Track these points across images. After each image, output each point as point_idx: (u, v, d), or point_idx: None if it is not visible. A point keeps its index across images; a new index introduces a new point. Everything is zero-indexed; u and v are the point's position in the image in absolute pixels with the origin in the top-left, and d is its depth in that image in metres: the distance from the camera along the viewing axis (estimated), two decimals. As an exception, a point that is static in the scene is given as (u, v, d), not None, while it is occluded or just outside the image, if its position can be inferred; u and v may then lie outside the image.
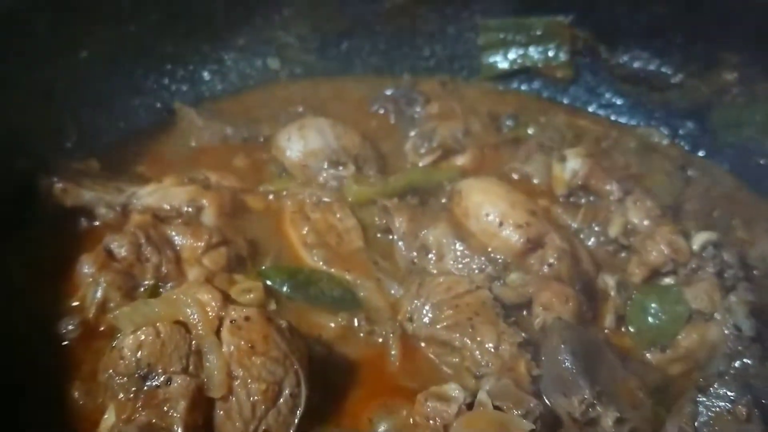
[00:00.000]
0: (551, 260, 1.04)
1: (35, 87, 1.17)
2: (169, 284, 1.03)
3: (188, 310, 0.88)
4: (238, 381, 0.86)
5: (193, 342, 0.88)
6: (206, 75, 1.43)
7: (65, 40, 1.22)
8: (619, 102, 1.44)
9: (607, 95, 1.45)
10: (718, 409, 0.86)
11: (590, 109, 1.47)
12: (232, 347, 0.87)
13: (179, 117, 1.36)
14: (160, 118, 1.36)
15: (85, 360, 0.96)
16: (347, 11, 1.47)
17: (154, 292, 0.99)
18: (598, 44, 1.43)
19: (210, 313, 0.88)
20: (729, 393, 0.86)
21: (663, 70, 1.38)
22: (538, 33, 1.46)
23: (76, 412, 0.91)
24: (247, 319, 0.88)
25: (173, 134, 1.34)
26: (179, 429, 0.84)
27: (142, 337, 0.86)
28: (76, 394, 0.92)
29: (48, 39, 1.17)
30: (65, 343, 0.98)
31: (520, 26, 1.47)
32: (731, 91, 1.30)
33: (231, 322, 0.88)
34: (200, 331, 0.88)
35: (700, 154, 1.36)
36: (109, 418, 0.86)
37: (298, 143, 1.24)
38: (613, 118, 1.45)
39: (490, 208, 1.08)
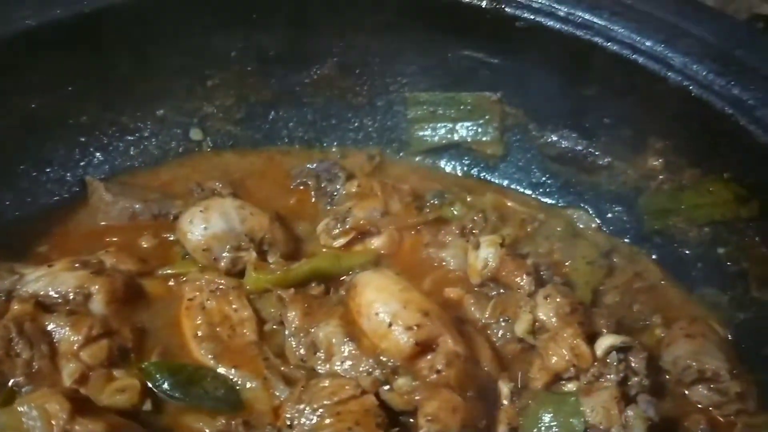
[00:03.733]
0: (440, 366, 0.98)
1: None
2: (29, 387, 0.98)
3: (32, 423, 0.83)
4: (83, 501, 0.81)
5: (37, 458, 0.83)
6: (122, 146, 1.39)
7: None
8: (549, 182, 1.39)
9: (537, 174, 1.40)
10: None
11: (519, 189, 1.42)
12: (79, 461, 0.82)
13: (90, 191, 1.32)
14: (70, 192, 1.32)
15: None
16: (273, 81, 1.44)
17: (8, 399, 0.93)
18: (527, 121, 1.38)
19: (54, 428, 0.83)
20: None
21: (591, 150, 1.33)
22: (468, 108, 1.42)
23: None
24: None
25: (81, 211, 1.30)
26: None
27: (-20, 452, 0.82)
28: None
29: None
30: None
31: (449, 101, 1.42)
32: (657, 178, 1.25)
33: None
34: (46, 442, 0.83)
35: (626, 240, 1.30)
36: None
37: (200, 226, 1.19)
38: (542, 198, 1.40)
39: (381, 307, 1.02)
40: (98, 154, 1.37)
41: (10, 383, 0.99)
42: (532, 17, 1.25)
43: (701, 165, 1.17)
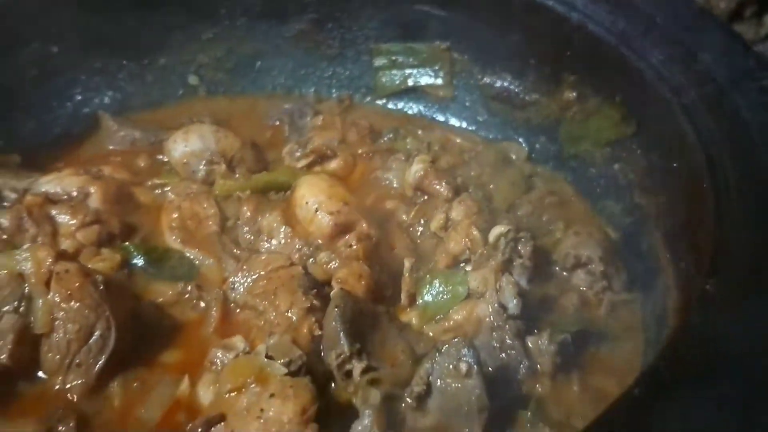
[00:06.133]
0: (352, 243, 1.21)
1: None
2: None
3: (25, 264, 1.09)
4: (58, 321, 1.06)
5: (27, 290, 1.09)
6: (129, 89, 1.65)
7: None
8: (489, 119, 1.59)
9: (480, 112, 1.60)
10: (446, 364, 1.01)
11: (465, 126, 1.62)
12: (56, 295, 1.07)
13: (100, 124, 1.59)
14: (83, 123, 1.59)
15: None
16: (258, 35, 1.68)
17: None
18: (471, 67, 1.59)
19: (42, 267, 1.09)
20: (455, 352, 1.01)
21: (522, 89, 1.53)
22: (423, 56, 1.63)
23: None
24: (66, 271, 1.08)
25: (92, 138, 1.57)
26: (4, 357, 1.05)
27: (-17, 282, 1.09)
28: (-58, 331, 1.14)
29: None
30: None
31: (407, 50, 1.64)
32: (572, 108, 1.44)
33: (56, 274, 1.08)
34: (33, 281, 1.08)
35: (549, 165, 1.49)
36: (-46, 348, 1.08)
37: (182, 144, 1.44)
38: (483, 134, 1.60)
39: (310, 198, 1.25)
40: (109, 93, 1.63)
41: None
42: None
43: (600, 93, 1.36)
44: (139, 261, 1.27)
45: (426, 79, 1.65)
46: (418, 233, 1.33)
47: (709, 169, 1.01)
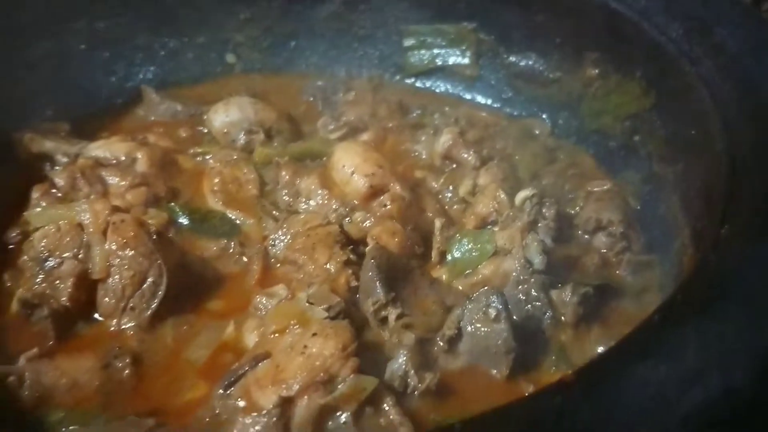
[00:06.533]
0: (387, 203, 1.28)
1: (22, 63, 1.51)
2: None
3: (84, 215, 1.18)
4: (114, 268, 1.15)
5: (85, 238, 1.17)
6: (171, 65, 1.74)
7: (50, 30, 1.56)
8: (513, 97, 1.67)
9: (505, 90, 1.68)
10: (476, 310, 1.08)
11: (491, 103, 1.70)
12: (113, 243, 1.16)
13: (143, 96, 1.68)
14: (128, 96, 1.68)
15: (16, 259, 1.25)
16: (292, 17, 1.76)
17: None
18: (497, 46, 1.66)
19: (99, 218, 1.18)
20: (484, 299, 1.08)
21: (546, 67, 1.60)
22: (450, 37, 1.71)
23: (4, 291, 1.21)
24: (122, 221, 1.16)
25: (136, 110, 1.66)
26: (65, 299, 1.13)
27: (47, 231, 1.17)
28: (6, 277, 1.22)
29: (36, 23, 1.52)
30: (11, 246, 1.29)
31: (435, 31, 1.72)
32: (594, 85, 1.51)
33: (112, 224, 1.16)
34: (91, 230, 1.17)
35: (571, 139, 1.56)
36: (20, 290, 1.16)
37: (222, 115, 1.53)
38: (508, 110, 1.67)
39: (347, 162, 1.33)
40: (151, 68, 1.72)
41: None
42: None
43: (621, 69, 1.43)
44: (183, 220, 1.35)
45: (453, 58, 1.72)
46: (447, 199, 1.40)
47: (724, 132, 1.08)
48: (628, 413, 0.64)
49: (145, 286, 1.15)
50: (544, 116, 1.62)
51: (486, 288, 1.10)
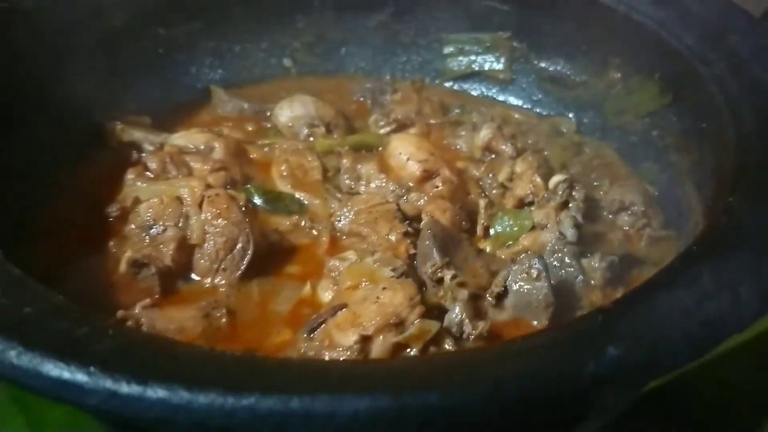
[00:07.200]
0: (438, 185, 1.48)
1: (111, 65, 1.72)
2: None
3: (183, 189, 1.38)
4: (209, 234, 1.34)
5: (184, 209, 1.37)
6: (236, 68, 1.95)
7: (134, 37, 1.77)
8: (543, 98, 1.87)
9: (536, 93, 1.88)
10: (519, 271, 1.27)
11: (522, 104, 1.90)
12: (208, 213, 1.35)
13: (213, 95, 1.88)
14: (199, 95, 1.89)
15: (118, 229, 1.45)
16: (343, 26, 1.97)
17: (166, 185, 1.48)
18: (529, 53, 1.86)
19: (196, 193, 1.38)
20: (527, 261, 1.27)
21: (573, 72, 1.80)
22: (486, 45, 1.91)
23: (109, 257, 1.41)
24: (217, 195, 1.36)
25: (206, 106, 1.87)
26: (168, 260, 1.33)
27: (152, 203, 1.37)
28: (111, 243, 1.42)
29: (122, 32, 1.73)
30: (110, 219, 1.49)
31: (473, 40, 1.92)
32: (617, 87, 1.70)
33: (207, 197, 1.36)
34: (188, 203, 1.37)
35: (596, 135, 1.75)
36: (127, 253, 1.36)
37: (288, 111, 1.73)
38: (538, 110, 1.87)
39: (402, 150, 1.53)
40: (219, 70, 1.93)
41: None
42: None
43: (641, 72, 1.62)
44: (258, 200, 1.54)
45: (489, 64, 1.93)
46: (487, 185, 1.59)
47: (733, 122, 1.27)
48: (657, 321, 0.83)
49: (235, 250, 1.34)
50: (570, 115, 1.82)
51: (528, 253, 1.29)
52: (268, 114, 1.83)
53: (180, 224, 1.36)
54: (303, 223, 1.50)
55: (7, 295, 0.90)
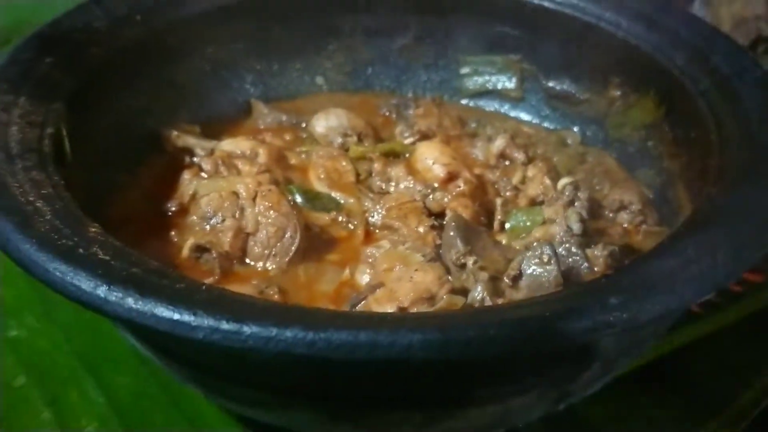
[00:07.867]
0: (460, 185, 1.69)
1: (166, 79, 1.93)
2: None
3: (239, 185, 1.59)
4: (262, 224, 1.54)
5: (240, 203, 1.57)
6: (274, 84, 2.16)
7: (186, 56, 1.99)
8: (550, 114, 2.08)
9: (543, 109, 2.09)
10: (532, 257, 1.47)
11: (532, 119, 2.11)
12: (261, 206, 1.56)
13: (253, 108, 2.09)
14: (241, 108, 2.10)
15: (177, 222, 1.65)
16: (370, 48, 2.19)
17: (222, 183, 1.68)
18: (538, 74, 2.08)
19: (250, 188, 1.58)
20: (539, 248, 1.47)
21: (577, 90, 2.01)
22: (499, 66, 2.13)
23: (171, 244, 1.61)
24: (269, 190, 1.57)
25: (247, 119, 2.08)
26: (226, 246, 1.52)
27: (212, 197, 1.58)
28: (173, 233, 1.62)
29: (176, 50, 1.94)
30: (170, 213, 1.69)
31: (487, 61, 2.14)
32: (617, 103, 1.91)
33: (261, 192, 1.57)
34: (244, 197, 1.57)
35: (598, 146, 1.96)
36: (189, 240, 1.56)
37: (324, 121, 1.94)
38: (546, 125, 2.08)
39: (428, 155, 1.74)
40: (259, 86, 2.13)
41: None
42: (536, 2, 1.97)
43: (639, 89, 1.83)
44: (300, 198, 1.74)
45: (501, 84, 2.14)
46: (503, 187, 1.80)
47: (716, 129, 1.48)
48: (650, 280, 1.03)
49: (284, 238, 1.54)
50: (575, 129, 2.02)
51: (540, 241, 1.49)
52: (304, 125, 2.04)
53: (236, 215, 1.56)
54: (340, 218, 1.70)
55: (117, 259, 1.10)
